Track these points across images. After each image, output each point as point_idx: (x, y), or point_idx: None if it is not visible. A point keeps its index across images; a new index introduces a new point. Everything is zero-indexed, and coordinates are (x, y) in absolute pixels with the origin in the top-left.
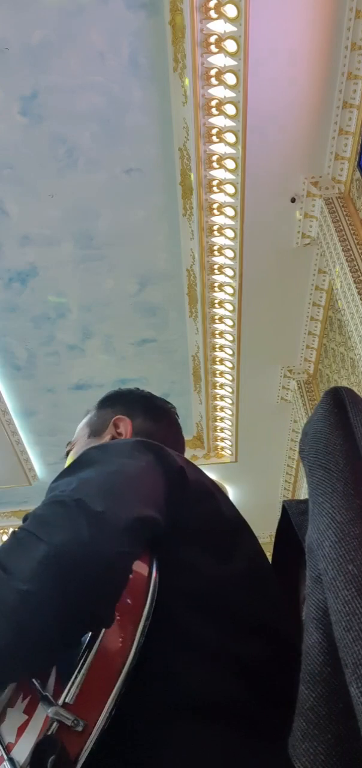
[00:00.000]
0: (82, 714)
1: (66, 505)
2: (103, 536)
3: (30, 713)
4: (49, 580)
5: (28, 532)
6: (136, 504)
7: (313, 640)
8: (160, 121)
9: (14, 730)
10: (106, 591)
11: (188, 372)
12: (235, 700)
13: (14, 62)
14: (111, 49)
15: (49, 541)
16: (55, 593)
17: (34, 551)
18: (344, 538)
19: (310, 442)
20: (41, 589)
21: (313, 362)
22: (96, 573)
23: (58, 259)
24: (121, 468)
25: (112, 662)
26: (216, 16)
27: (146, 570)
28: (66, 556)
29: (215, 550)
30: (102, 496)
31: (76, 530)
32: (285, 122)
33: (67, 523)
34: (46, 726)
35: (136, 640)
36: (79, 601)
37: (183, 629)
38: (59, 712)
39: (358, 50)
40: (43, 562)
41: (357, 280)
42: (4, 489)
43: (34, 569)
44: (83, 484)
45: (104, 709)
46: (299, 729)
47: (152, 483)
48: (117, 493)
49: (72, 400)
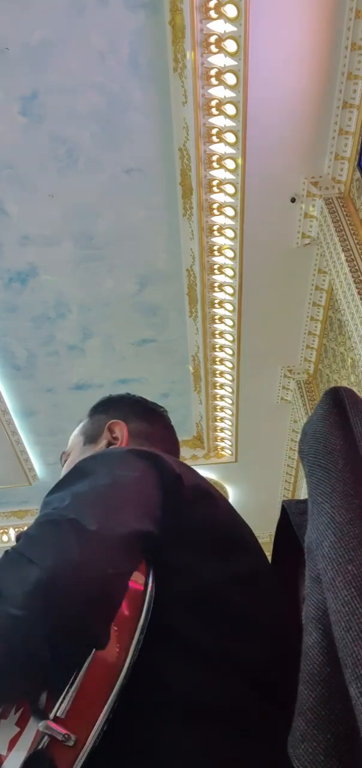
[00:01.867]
0: (73, 729)
1: (58, 524)
2: (97, 557)
3: (22, 726)
4: (41, 606)
5: (19, 554)
6: (130, 518)
7: (313, 640)
8: (160, 121)
9: (6, 742)
10: (100, 613)
11: (188, 372)
12: (235, 703)
13: (14, 62)
14: (111, 49)
15: (40, 564)
16: (47, 619)
17: (25, 575)
18: (343, 538)
19: (310, 442)
20: (33, 614)
21: (313, 362)
22: (90, 596)
23: (58, 259)
24: (115, 480)
25: (105, 676)
26: (216, 16)
27: (143, 580)
28: (58, 580)
29: (214, 554)
30: (95, 514)
31: (69, 552)
32: (285, 122)
33: (59, 545)
34: (37, 740)
35: (130, 654)
36: (72, 625)
37: (182, 634)
38: (49, 727)
39: (358, 50)
40: (34, 587)
41: (357, 280)
42: (4, 489)
43: (25, 594)
44: (76, 501)
45: (96, 724)
46: (298, 729)
47: (147, 493)
48: (110, 508)
49: (72, 400)
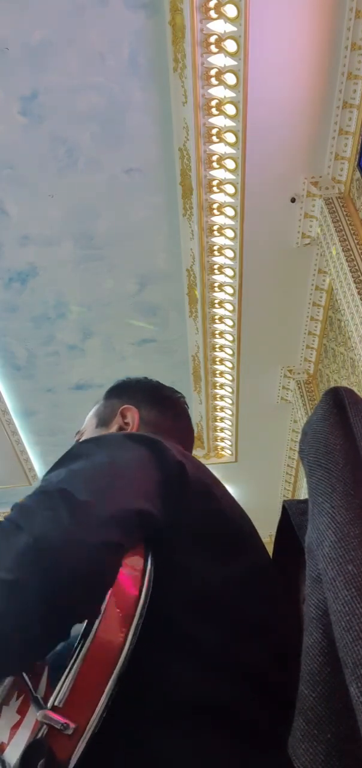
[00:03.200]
0: (71, 717)
1: (49, 494)
2: (86, 525)
3: (22, 713)
4: (29, 570)
5: (10, 522)
6: (125, 495)
7: (313, 640)
8: (160, 121)
9: (7, 729)
10: (88, 582)
11: (188, 372)
12: (235, 703)
13: (14, 62)
14: (111, 50)
15: (29, 530)
16: (35, 583)
17: (14, 541)
18: (344, 538)
19: (310, 442)
20: (21, 578)
21: (313, 362)
22: (77, 563)
23: (58, 259)
24: (112, 459)
25: (105, 663)
26: (216, 16)
27: (141, 563)
28: (45, 546)
29: (216, 551)
30: (88, 487)
31: (57, 519)
32: (285, 122)
33: (48, 512)
34: (36, 729)
35: (128, 640)
36: (60, 591)
37: (183, 632)
38: (47, 716)
39: (358, 50)
40: (23, 552)
41: (357, 280)
42: (4, 489)
43: (14, 559)
44: (71, 475)
45: (95, 712)
46: (299, 729)
47: (144, 476)
48: (105, 484)
49: (72, 400)
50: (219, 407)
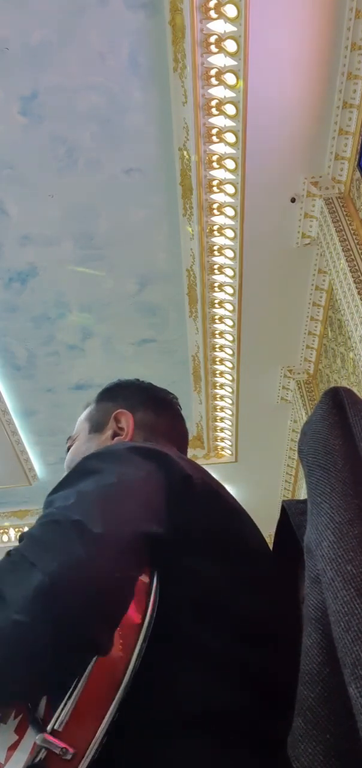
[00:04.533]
0: (71, 742)
1: (62, 525)
2: (102, 561)
3: (20, 734)
4: (43, 611)
5: (22, 556)
6: (136, 519)
7: (312, 641)
8: (160, 121)
9: (4, 749)
10: (104, 619)
11: (188, 372)
12: (240, 708)
13: (14, 62)
14: (111, 50)
15: (43, 569)
16: (49, 624)
17: (27, 579)
18: (343, 538)
19: (309, 443)
20: (35, 620)
21: (313, 362)
22: (94, 601)
23: (58, 259)
24: (120, 479)
25: (106, 686)
26: (216, 16)
27: (146, 585)
28: (60, 586)
29: (221, 558)
30: (100, 515)
31: (73, 556)
32: (285, 122)
33: (61, 548)
34: (34, 752)
35: (132, 664)
36: (75, 631)
37: (188, 639)
38: (47, 740)
39: (358, 50)
40: (36, 592)
41: (357, 280)
42: (4, 489)
43: (27, 599)
44: (81, 500)
45: (94, 738)
46: (298, 729)
47: (152, 493)
48: (116, 509)
49: (72, 400)
50: (219, 407)
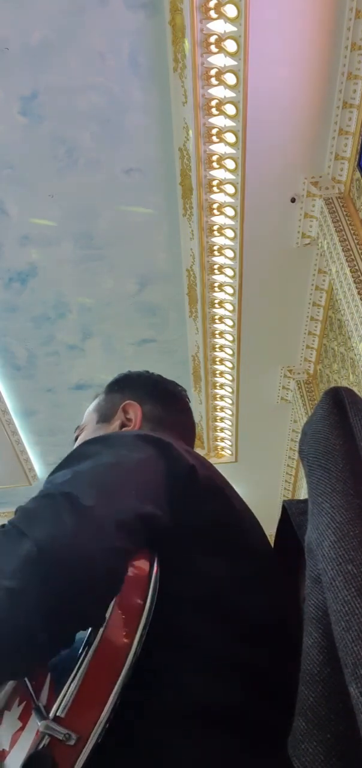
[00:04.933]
0: (74, 727)
1: (53, 497)
2: (90, 532)
3: (24, 721)
4: (32, 578)
5: (13, 526)
6: (131, 499)
7: (312, 640)
8: (160, 121)
9: (9, 736)
10: (92, 589)
11: (188, 372)
12: (242, 706)
13: (14, 62)
14: (111, 50)
15: (32, 536)
16: (37, 591)
17: (17, 547)
18: (343, 538)
19: (310, 442)
20: (24, 586)
21: (313, 362)
22: (80, 570)
23: (58, 259)
24: (119, 460)
25: (108, 672)
26: (216, 16)
27: (147, 568)
28: (48, 553)
29: (223, 552)
30: (93, 490)
31: (61, 525)
32: (285, 122)
33: (51, 518)
34: (38, 739)
35: (133, 649)
36: (63, 599)
37: (189, 635)
38: (50, 726)
39: (358, 50)
40: (25, 559)
41: (357, 280)
42: (4, 489)
43: (16, 566)
44: (76, 477)
45: (98, 722)
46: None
47: (151, 477)
48: (110, 487)
49: (72, 400)
50: (219, 407)
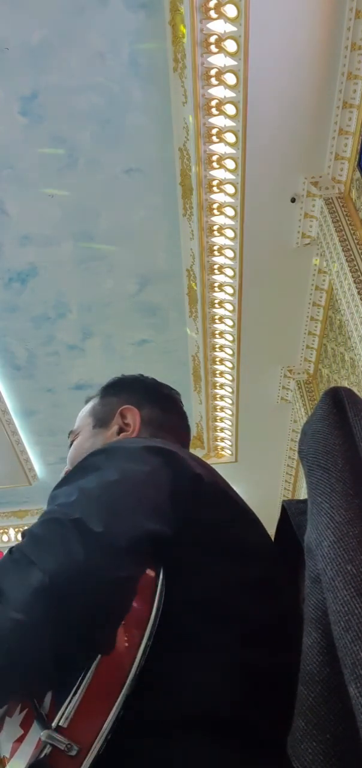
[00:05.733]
0: (75, 738)
1: (63, 524)
2: (100, 561)
3: (25, 729)
4: (43, 611)
5: (22, 554)
6: (138, 519)
7: (312, 640)
8: (160, 121)
9: (10, 743)
10: (104, 618)
11: (188, 372)
12: (242, 709)
13: (14, 62)
14: (111, 50)
15: (43, 567)
16: (48, 624)
17: (27, 578)
18: (343, 538)
19: (309, 442)
20: (34, 619)
21: (313, 362)
22: (93, 601)
23: (58, 259)
24: (125, 476)
25: (111, 684)
26: (216, 16)
27: (152, 580)
28: (58, 585)
29: (227, 556)
30: (101, 513)
31: (72, 555)
32: (286, 122)
33: (61, 547)
34: (39, 748)
35: (136, 661)
36: (75, 630)
37: (193, 638)
38: (52, 736)
39: (358, 50)
40: (36, 592)
41: (357, 280)
42: (4, 489)
43: (27, 598)
44: (82, 498)
45: (99, 734)
46: (298, 729)
47: (157, 490)
48: (118, 507)
49: (72, 400)
50: (219, 407)
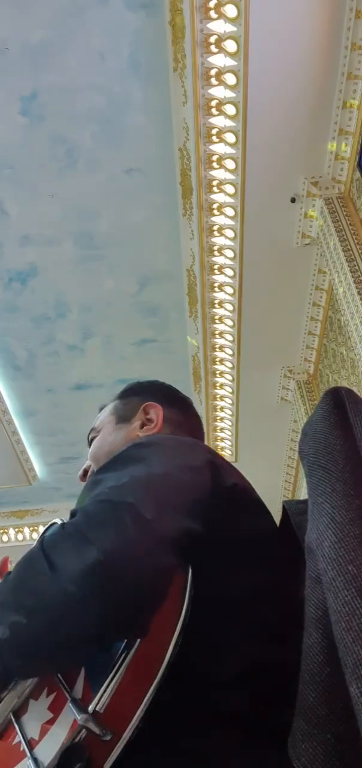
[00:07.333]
0: (110, 724)
1: (117, 506)
2: (149, 546)
3: (55, 712)
4: (96, 586)
5: (77, 530)
6: (181, 514)
7: (313, 641)
8: (160, 121)
9: (38, 725)
10: (148, 601)
11: (188, 372)
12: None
13: (14, 62)
14: (111, 50)
15: (98, 545)
16: (98, 599)
17: (83, 553)
18: (344, 538)
19: (310, 442)
20: (86, 593)
21: (313, 362)
22: (141, 584)
23: (58, 259)
24: (168, 471)
25: (145, 674)
26: (216, 16)
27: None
28: (115, 565)
29: (252, 562)
30: (151, 502)
31: (126, 537)
32: (286, 122)
33: (116, 528)
34: (74, 731)
35: (169, 653)
36: (121, 609)
37: (219, 637)
38: (89, 721)
39: (358, 50)
40: (90, 567)
41: (357, 280)
42: (4, 489)
43: (82, 572)
44: (134, 484)
45: (132, 721)
46: (299, 729)
47: (196, 490)
48: (166, 499)
49: (72, 400)
50: (219, 407)
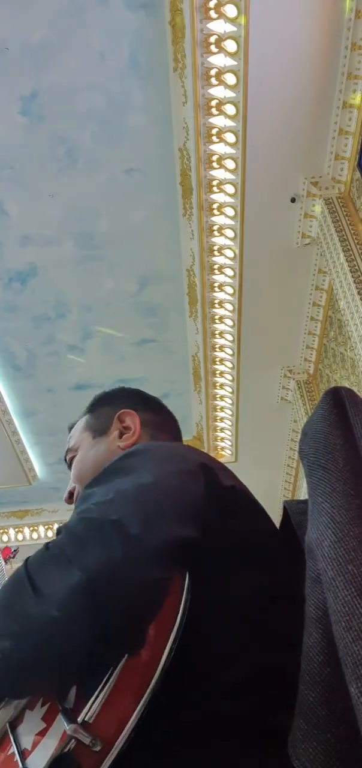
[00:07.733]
0: (100, 733)
1: (101, 524)
2: (137, 564)
3: (48, 722)
4: (79, 609)
5: (61, 551)
6: (172, 523)
7: (313, 641)
8: (160, 121)
9: (31, 736)
10: (138, 618)
11: (188, 372)
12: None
13: (14, 62)
14: (111, 50)
15: (81, 567)
16: (84, 621)
17: (66, 576)
18: (343, 538)
19: (310, 442)
20: (70, 617)
21: (313, 362)
22: (130, 602)
23: (58, 259)
24: (158, 480)
25: (137, 683)
26: (216, 16)
27: (179, 583)
28: (99, 585)
29: (253, 566)
30: (137, 516)
31: (110, 556)
32: (286, 122)
33: (100, 548)
34: (64, 741)
35: (162, 662)
36: (108, 628)
37: (218, 642)
38: (78, 731)
39: (358, 50)
40: (74, 590)
41: (357, 280)
42: (4, 489)
43: (65, 596)
44: (119, 499)
45: (123, 732)
46: (299, 729)
47: (188, 496)
48: (154, 511)
49: (72, 400)
50: (220, 407)
